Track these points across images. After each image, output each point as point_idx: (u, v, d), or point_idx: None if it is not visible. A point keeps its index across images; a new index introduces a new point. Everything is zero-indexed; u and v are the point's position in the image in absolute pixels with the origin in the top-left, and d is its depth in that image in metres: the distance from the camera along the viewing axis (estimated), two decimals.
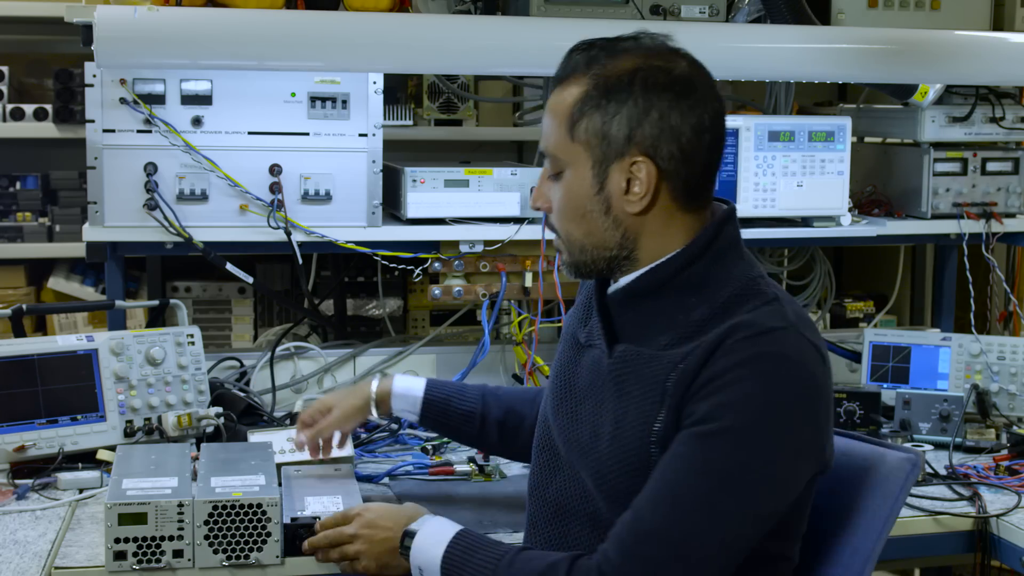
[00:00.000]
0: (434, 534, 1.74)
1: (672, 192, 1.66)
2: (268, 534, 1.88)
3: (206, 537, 1.87)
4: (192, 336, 2.51)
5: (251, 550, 1.88)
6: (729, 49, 2.60)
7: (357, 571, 1.86)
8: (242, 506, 1.87)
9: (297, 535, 1.90)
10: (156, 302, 2.69)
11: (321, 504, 1.99)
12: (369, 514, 1.86)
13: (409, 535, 1.76)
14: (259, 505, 1.87)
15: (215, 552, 1.87)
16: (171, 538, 1.86)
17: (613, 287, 1.74)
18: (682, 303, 1.67)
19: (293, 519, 1.92)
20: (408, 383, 2.16)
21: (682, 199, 1.67)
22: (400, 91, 3.47)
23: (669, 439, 1.60)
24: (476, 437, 2.14)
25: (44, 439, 2.28)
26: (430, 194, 2.63)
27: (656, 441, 1.62)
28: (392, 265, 2.67)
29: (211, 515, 1.87)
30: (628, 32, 1.71)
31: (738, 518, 1.56)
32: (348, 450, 2.31)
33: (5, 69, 3.62)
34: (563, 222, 1.72)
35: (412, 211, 2.63)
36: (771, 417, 1.56)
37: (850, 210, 2.86)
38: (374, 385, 2.17)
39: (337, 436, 2.22)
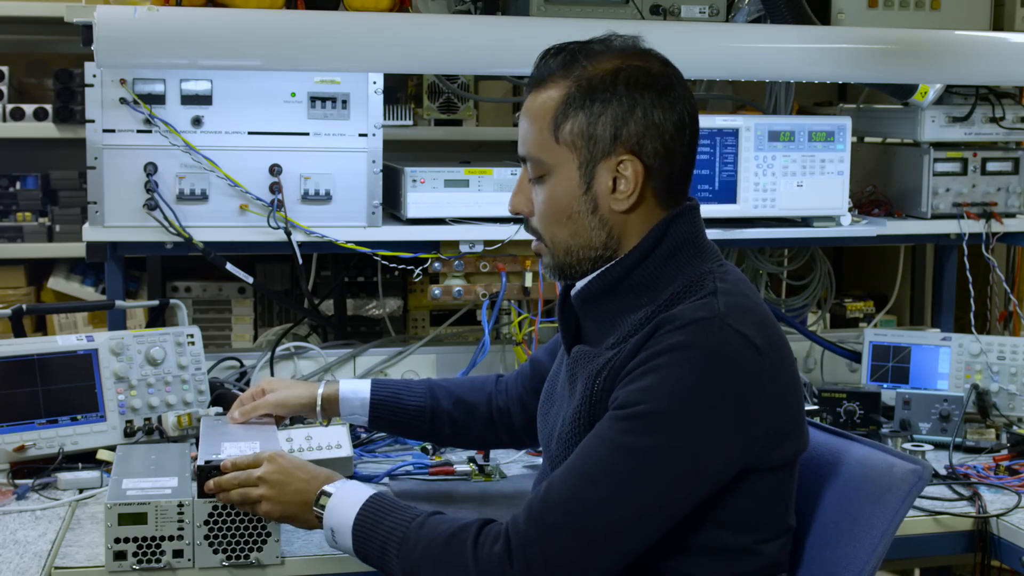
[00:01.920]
0: (348, 497, 1.75)
1: (655, 189, 1.70)
2: (268, 534, 1.88)
3: (206, 537, 1.87)
4: (192, 336, 2.51)
5: (251, 550, 1.88)
6: (729, 49, 2.60)
7: (255, 513, 1.85)
8: None
9: (208, 478, 1.85)
10: (156, 302, 2.69)
11: (237, 449, 1.93)
12: (283, 461, 1.84)
13: (325, 494, 1.77)
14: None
15: (215, 552, 1.87)
16: (171, 538, 1.86)
17: (573, 292, 1.78)
18: (634, 303, 1.70)
19: (207, 462, 1.87)
20: (354, 385, 2.17)
21: (664, 196, 1.71)
22: (400, 91, 3.47)
23: None
24: (428, 431, 2.15)
25: (44, 439, 2.28)
26: (430, 194, 2.63)
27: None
28: (392, 265, 2.67)
29: (211, 515, 1.87)
30: (597, 35, 1.75)
31: (643, 499, 1.57)
32: (347, 450, 2.31)
33: (5, 69, 3.62)
34: (548, 225, 1.73)
35: (412, 211, 2.63)
36: (685, 405, 1.57)
37: (850, 210, 2.86)
38: (321, 387, 2.16)
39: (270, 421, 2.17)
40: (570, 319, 1.81)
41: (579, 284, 1.76)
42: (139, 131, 2.49)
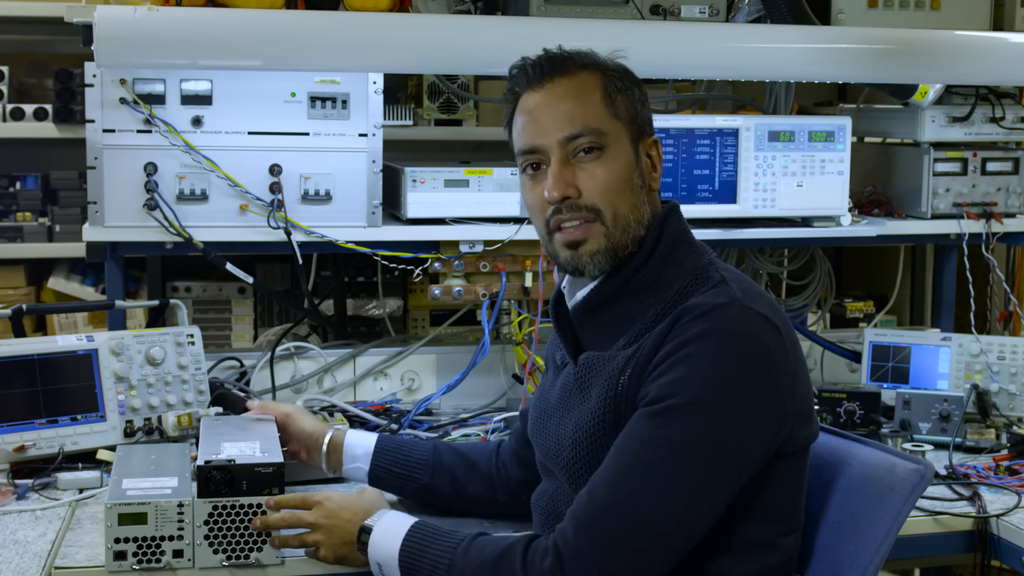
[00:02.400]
0: (390, 528, 1.75)
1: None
2: (268, 533, 1.88)
3: (206, 537, 1.87)
4: (192, 336, 2.51)
5: (251, 550, 1.88)
6: (729, 49, 2.60)
7: (315, 557, 1.86)
8: (242, 506, 1.87)
9: (210, 478, 1.86)
10: (156, 302, 2.69)
11: (237, 449, 1.93)
12: (330, 503, 1.85)
13: (366, 531, 1.77)
14: (259, 505, 1.87)
15: (215, 552, 1.87)
16: (171, 538, 1.86)
17: (572, 302, 1.79)
18: (639, 305, 1.71)
19: (207, 462, 1.87)
20: (361, 434, 2.15)
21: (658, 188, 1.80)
22: (400, 91, 3.47)
23: None
24: (427, 487, 2.09)
25: (44, 439, 2.28)
26: (430, 194, 2.63)
27: (617, 434, 1.65)
28: (392, 265, 2.67)
29: (211, 515, 1.87)
30: (551, 42, 1.81)
31: (689, 491, 1.57)
32: None
33: (5, 69, 3.62)
34: (611, 197, 1.72)
35: (412, 211, 2.63)
36: (718, 390, 1.58)
37: (850, 210, 2.86)
38: (328, 434, 2.14)
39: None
40: (567, 330, 1.82)
41: (579, 295, 1.77)
42: (139, 131, 2.49)
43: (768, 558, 1.69)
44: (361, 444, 2.11)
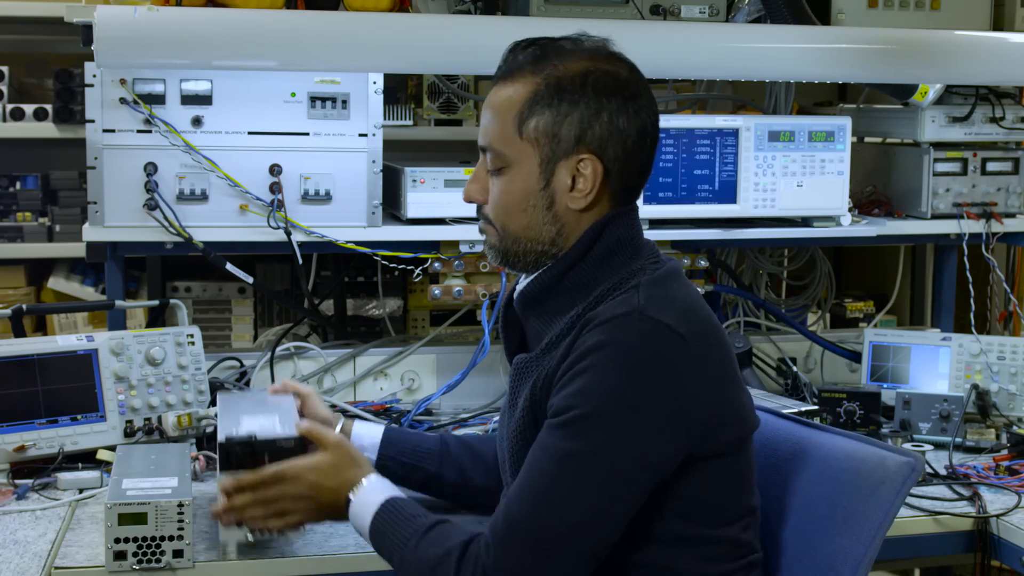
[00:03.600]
0: (365, 503, 1.77)
1: (612, 191, 1.73)
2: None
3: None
4: (192, 336, 2.51)
5: None
6: (729, 49, 2.60)
7: (291, 528, 1.85)
8: None
9: (232, 453, 1.84)
10: (156, 302, 2.69)
11: (257, 423, 1.91)
12: (311, 476, 1.82)
13: (349, 503, 1.79)
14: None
15: (240, 526, 1.85)
16: (171, 538, 1.86)
17: (515, 295, 1.80)
18: (568, 305, 1.72)
19: (228, 438, 1.85)
20: (368, 425, 2.14)
21: (618, 199, 1.74)
22: (400, 91, 3.47)
23: None
24: (435, 476, 2.08)
25: (44, 439, 2.28)
26: (430, 194, 2.63)
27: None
28: (392, 265, 2.67)
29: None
30: (568, 33, 1.76)
31: (592, 502, 1.59)
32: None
33: (5, 69, 3.62)
34: (502, 215, 1.75)
35: (412, 211, 2.63)
36: (613, 402, 1.59)
37: (850, 210, 2.86)
38: (340, 422, 2.11)
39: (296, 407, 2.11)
40: (514, 326, 1.84)
41: (519, 287, 1.79)
42: (139, 131, 2.49)
43: (709, 548, 1.70)
44: (368, 435, 2.10)
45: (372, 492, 1.78)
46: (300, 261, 2.56)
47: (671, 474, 1.64)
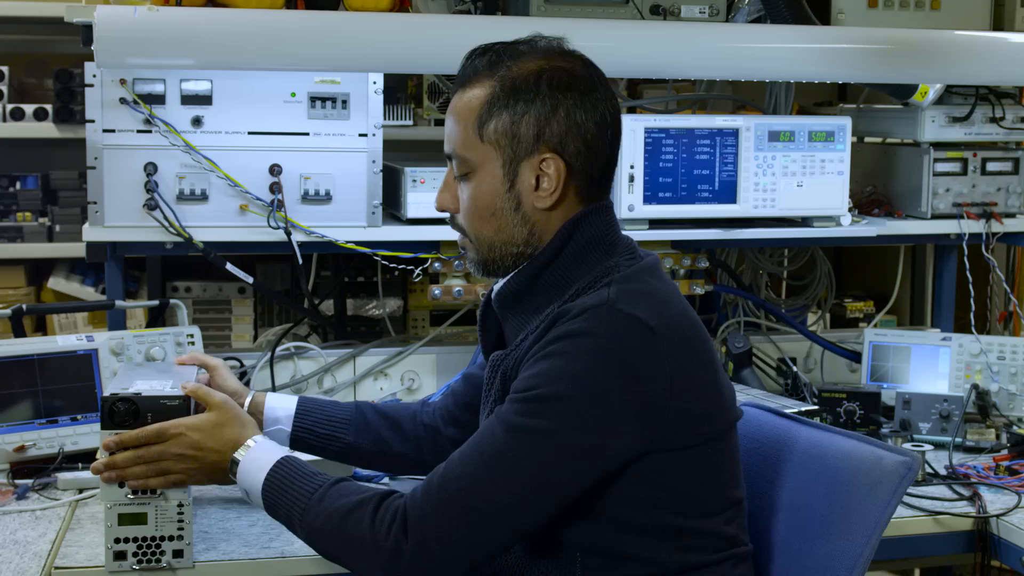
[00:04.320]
0: (258, 459, 1.77)
1: (577, 187, 1.75)
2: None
3: None
4: (192, 336, 2.51)
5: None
6: (729, 49, 2.60)
7: (172, 487, 1.85)
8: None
9: (114, 410, 1.82)
10: (156, 302, 2.69)
11: (148, 385, 1.89)
12: (194, 435, 1.81)
13: (235, 463, 1.79)
14: None
15: (120, 485, 1.84)
16: (171, 538, 1.86)
17: (493, 295, 1.82)
18: (545, 302, 1.74)
19: (112, 394, 1.83)
20: (281, 396, 2.12)
21: (585, 194, 1.76)
22: (400, 91, 3.47)
23: None
24: (351, 446, 2.07)
25: (44, 439, 2.28)
26: (430, 194, 2.62)
27: None
28: (392, 265, 2.67)
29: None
30: (523, 36, 1.79)
31: (533, 478, 1.61)
32: None
33: (5, 69, 3.62)
34: (473, 221, 1.77)
35: (412, 211, 2.63)
36: (575, 388, 1.61)
37: (850, 210, 2.85)
38: (250, 395, 2.10)
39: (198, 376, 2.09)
40: (492, 325, 1.86)
41: (496, 287, 1.81)
42: (139, 131, 2.49)
43: (693, 540, 1.71)
44: (283, 406, 2.08)
45: (264, 451, 1.79)
46: (300, 261, 2.56)
47: (651, 464, 1.65)
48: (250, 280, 2.64)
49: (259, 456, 1.77)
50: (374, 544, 1.62)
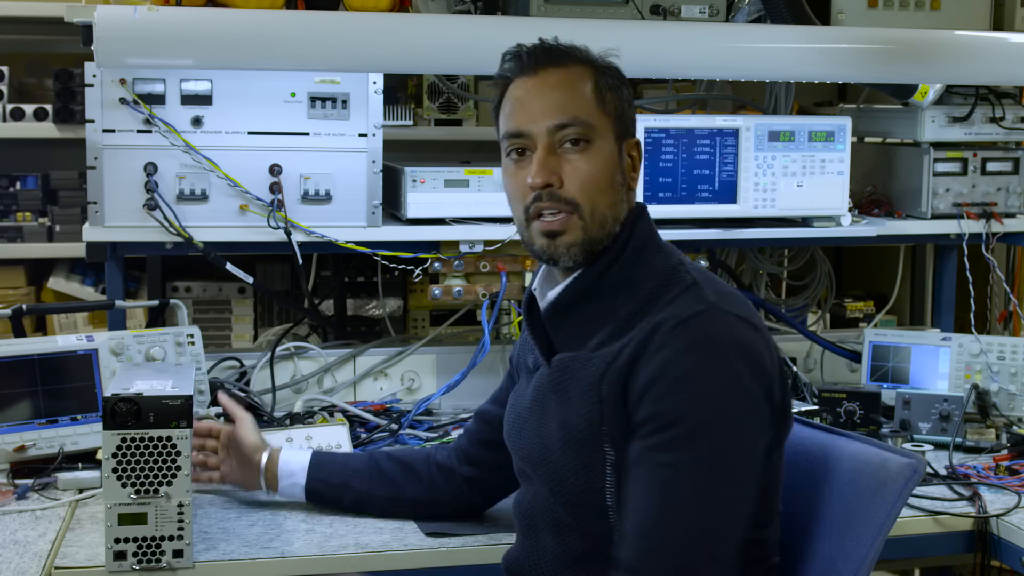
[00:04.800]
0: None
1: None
2: (179, 468, 1.86)
3: (114, 471, 1.84)
4: (192, 336, 2.51)
5: (160, 484, 1.85)
6: (729, 49, 2.60)
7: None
8: (151, 439, 1.84)
9: (116, 410, 1.83)
10: (156, 302, 2.69)
11: (149, 385, 1.90)
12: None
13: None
14: (168, 438, 1.85)
15: (123, 486, 1.84)
16: (171, 538, 1.86)
17: (544, 303, 1.78)
18: (611, 304, 1.72)
19: (114, 394, 1.85)
20: (295, 451, 2.15)
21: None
22: (400, 91, 3.47)
23: (621, 438, 1.64)
24: (365, 494, 2.08)
25: (44, 439, 2.28)
26: (430, 194, 2.63)
27: (609, 441, 1.66)
28: (392, 265, 2.67)
29: (119, 448, 1.84)
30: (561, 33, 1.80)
31: (727, 505, 1.59)
32: (347, 450, 2.31)
33: (5, 69, 3.62)
34: (590, 192, 1.71)
35: (412, 211, 2.63)
36: (716, 404, 1.59)
37: (850, 210, 2.85)
38: (268, 450, 2.13)
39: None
40: (540, 332, 1.82)
41: (550, 295, 1.77)
42: (139, 131, 2.49)
43: (754, 550, 1.70)
44: (297, 460, 2.12)
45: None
46: (300, 261, 2.56)
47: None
48: (250, 280, 2.65)
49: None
50: None
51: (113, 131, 2.48)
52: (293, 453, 2.13)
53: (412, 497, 2.08)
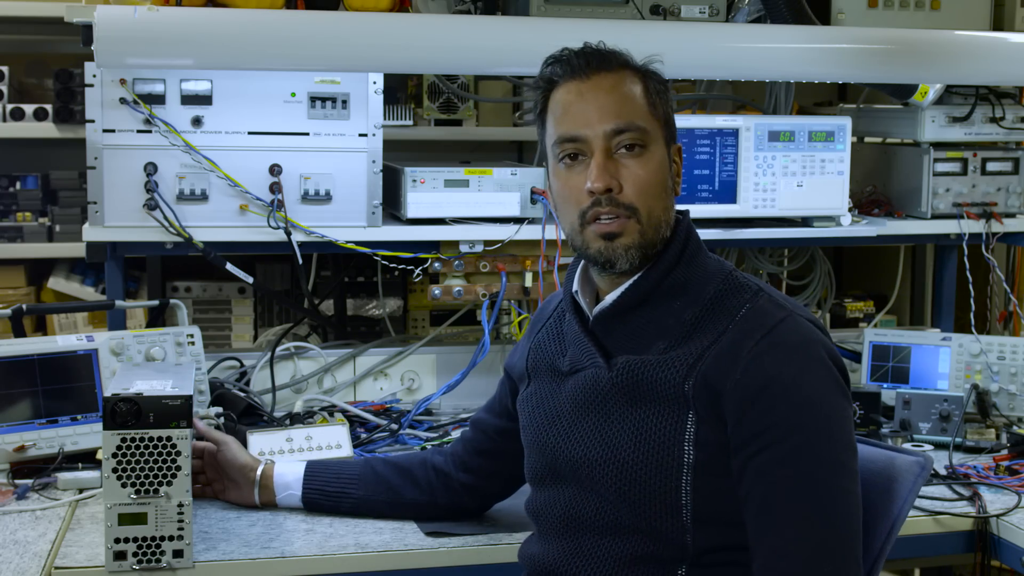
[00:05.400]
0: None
1: None
2: (179, 468, 1.86)
3: (114, 470, 1.83)
4: (192, 336, 2.51)
5: (160, 484, 1.85)
6: (729, 49, 2.60)
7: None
8: (151, 439, 1.85)
9: (116, 410, 1.83)
10: (156, 302, 2.68)
11: (149, 385, 1.91)
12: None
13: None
14: (168, 438, 1.85)
15: (124, 486, 1.84)
16: (171, 538, 1.86)
17: (599, 307, 1.77)
18: (670, 308, 1.72)
19: (114, 394, 1.85)
20: (289, 463, 2.15)
21: None
22: (400, 91, 3.47)
23: (708, 442, 1.65)
24: (361, 500, 2.09)
25: (44, 439, 2.28)
26: (430, 194, 2.63)
27: (691, 442, 1.66)
28: (392, 265, 2.67)
29: (119, 448, 1.84)
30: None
31: (855, 502, 1.63)
32: (347, 450, 2.32)
33: (5, 69, 3.62)
34: (647, 197, 1.72)
35: (412, 211, 2.63)
36: (827, 403, 1.63)
37: (850, 210, 2.86)
38: (261, 465, 2.13)
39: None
40: (589, 335, 1.79)
41: (609, 299, 1.75)
42: (139, 131, 2.49)
43: None
44: (291, 471, 2.12)
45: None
46: (300, 261, 2.56)
47: None
48: (250, 280, 2.65)
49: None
50: None
51: (113, 131, 2.48)
52: (287, 465, 2.13)
53: (409, 499, 2.08)
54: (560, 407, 1.80)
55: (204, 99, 2.51)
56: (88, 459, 2.29)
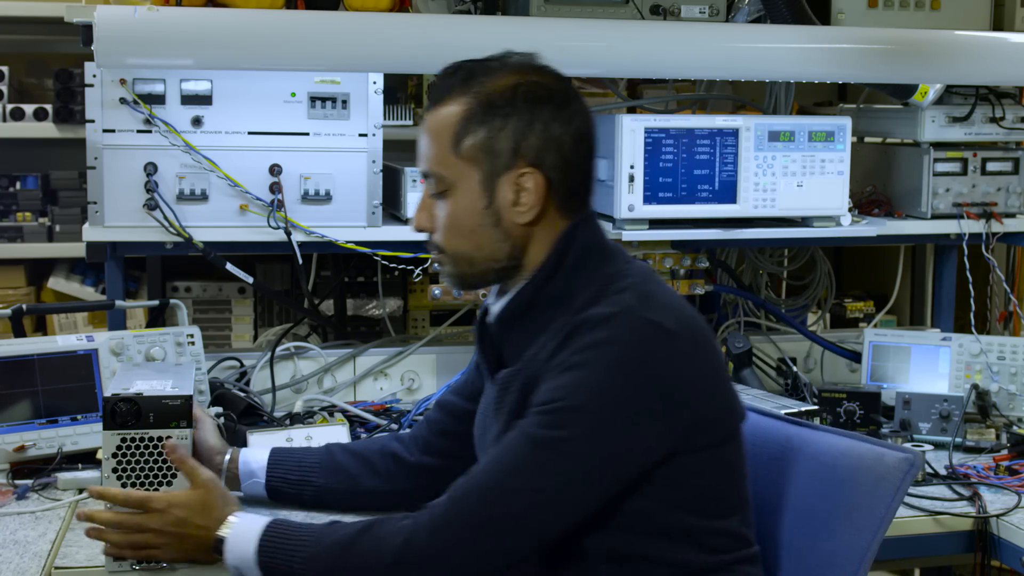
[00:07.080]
0: (244, 532, 1.74)
1: (556, 201, 1.75)
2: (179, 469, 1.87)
3: (114, 470, 1.84)
4: (192, 336, 2.51)
5: (160, 483, 1.85)
6: (729, 49, 2.60)
7: (152, 560, 1.82)
8: (151, 439, 1.85)
9: (116, 410, 1.84)
10: (156, 302, 2.69)
11: (148, 385, 1.91)
12: (177, 512, 1.79)
13: (221, 540, 1.75)
14: (168, 437, 1.86)
15: (124, 486, 1.84)
16: None
17: (489, 318, 1.81)
18: (551, 317, 1.73)
19: (114, 394, 1.85)
20: (253, 450, 2.13)
21: (565, 207, 1.76)
22: (400, 91, 3.47)
23: None
24: (323, 489, 2.07)
25: (44, 439, 2.28)
26: None
27: None
28: (392, 265, 2.67)
29: (119, 448, 1.84)
30: (494, 53, 1.79)
31: (553, 489, 1.62)
32: None
33: (5, 69, 3.62)
34: (451, 239, 1.77)
35: (412, 211, 2.62)
36: (601, 399, 1.62)
37: (850, 210, 2.85)
38: (230, 451, 2.09)
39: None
40: (489, 346, 1.85)
41: (494, 309, 1.80)
42: (139, 131, 2.49)
43: (715, 540, 1.72)
44: (256, 459, 2.09)
45: (248, 521, 1.76)
46: (300, 261, 2.56)
47: (675, 467, 1.66)
48: (250, 280, 2.65)
49: (245, 527, 1.74)
50: (392, 554, 1.62)
51: (113, 131, 2.48)
52: (252, 452, 2.11)
53: (368, 488, 2.07)
54: (486, 416, 1.86)
55: (204, 99, 2.51)
56: (88, 459, 2.29)
